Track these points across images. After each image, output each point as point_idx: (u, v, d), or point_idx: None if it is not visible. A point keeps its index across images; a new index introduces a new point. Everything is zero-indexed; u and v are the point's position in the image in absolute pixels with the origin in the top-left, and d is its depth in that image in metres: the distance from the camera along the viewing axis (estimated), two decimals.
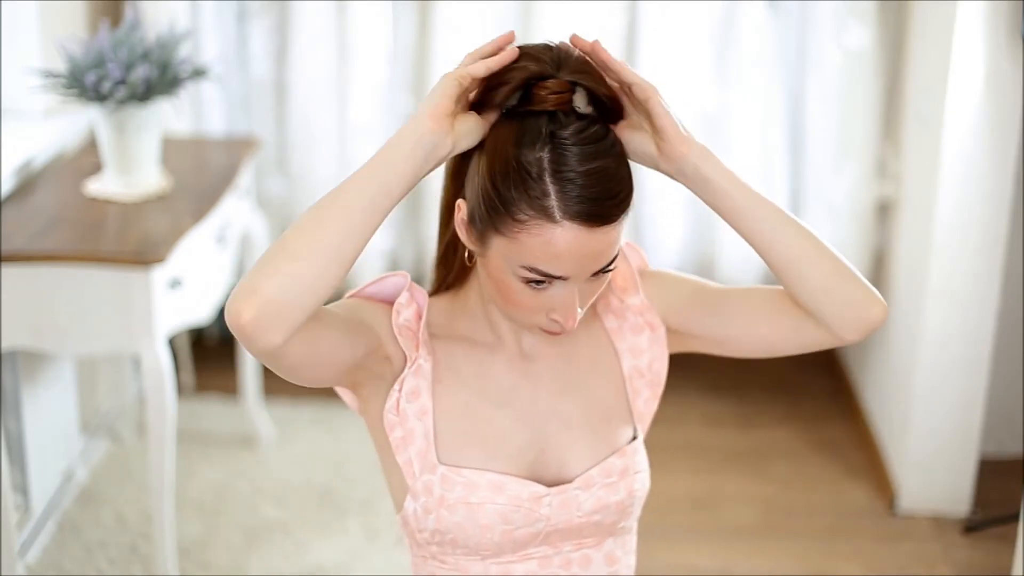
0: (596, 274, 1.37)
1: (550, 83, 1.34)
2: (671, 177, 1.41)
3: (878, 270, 3.50)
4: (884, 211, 3.46)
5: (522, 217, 1.32)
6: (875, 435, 3.43)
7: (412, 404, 1.48)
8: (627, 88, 1.37)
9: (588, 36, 1.38)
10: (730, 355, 1.56)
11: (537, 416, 1.51)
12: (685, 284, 1.57)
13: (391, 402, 1.47)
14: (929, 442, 3.12)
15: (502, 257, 1.36)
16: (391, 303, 1.48)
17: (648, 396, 1.58)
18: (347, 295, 1.50)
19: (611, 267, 1.37)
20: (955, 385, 3.08)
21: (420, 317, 1.48)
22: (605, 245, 1.34)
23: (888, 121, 3.42)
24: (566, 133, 1.32)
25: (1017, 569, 2.52)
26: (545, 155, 1.31)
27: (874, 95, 3.35)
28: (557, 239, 1.32)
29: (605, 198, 1.31)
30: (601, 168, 1.31)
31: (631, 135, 1.39)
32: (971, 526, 3.10)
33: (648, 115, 1.37)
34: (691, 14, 3.31)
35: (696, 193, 1.41)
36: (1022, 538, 2.51)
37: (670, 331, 1.57)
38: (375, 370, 1.47)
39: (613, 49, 3.34)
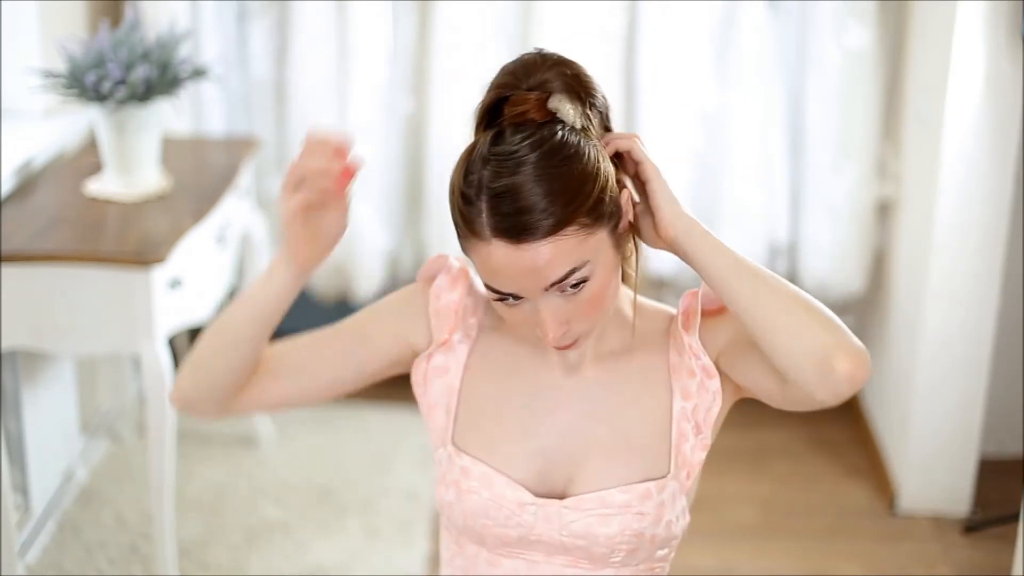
0: (558, 289, 1.34)
1: (512, 98, 1.34)
2: (667, 250, 1.43)
3: (878, 270, 3.50)
4: (884, 211, 3.46)
5: (465, 235, 1.34)
6: (875, 435, 3.43)
7: (439, 379, 1.53)
8: (633, 165, 1.40)
9: (587, 38, 1.39)
10: (770, 404, 1.45)
11: (555, 428, 1.50)
12: (736, 327, 1.46)
13: (418, 373, 1.54)
14: (929, 442, 3.12)
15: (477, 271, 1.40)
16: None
17: (694, 443, 1.49)
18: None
19: (571, 282, 1.33)
20: (955, 385, 3.08)
21: (468, 295, 1.53)
22: (542, 262, 1.30)
23: (888, 121, 3.42)
24: (500, 147, 1.31)
25: (1017, 569, 2.52)
26: (485, 172, 1.31)
27: (874, 95, 3.35)
28: (490, 257, 1.32)
29: (522, 212, 1.28)
30: (525, 181, 1.29)
31: (640, 218, 1.42)
32: (971, 526, 3.10)
33: (648, 194, 1.39)
34: (691, 14, 3.31)
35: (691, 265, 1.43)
36: (1022, 538, 2.51)
37: (723, 375, 1.48)
38: (403, 362, 1.55)
39: (613, 49, 3.34)
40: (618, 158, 1.41)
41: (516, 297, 1.35)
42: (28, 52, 2.98)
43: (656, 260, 3.46)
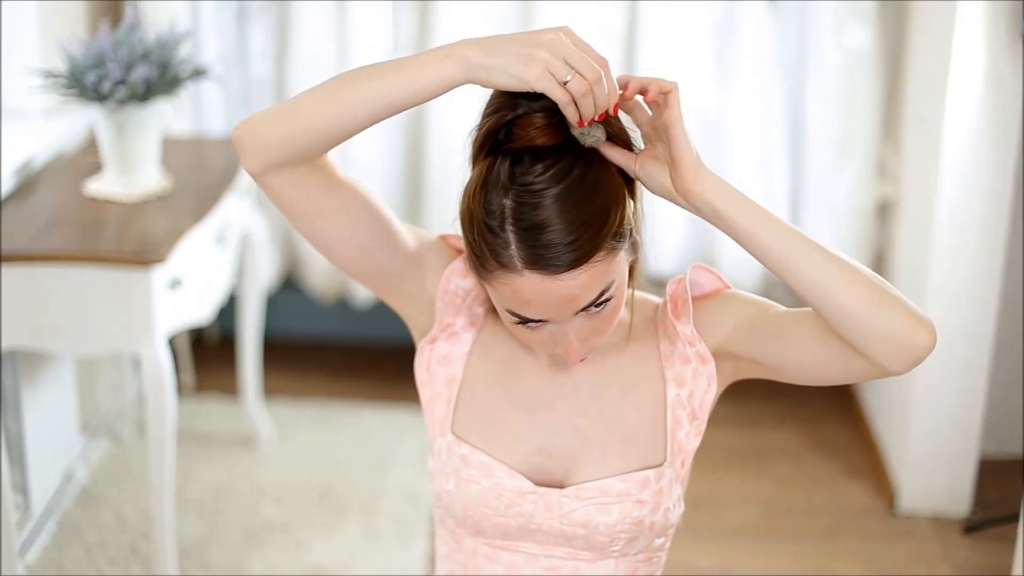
0: (587, 311, 1.35)
1: (522, 120, 1.32)
2: (688, 210, 1.35)
3: (878, 270, 3.50)
4: (884, 211, 3.46)
5: (490, 267, 1.32)
6: (875, 435, 3.43)
7: (442, 368, 1.54)
8: (655, 110, 1.32)
9: (587, 38, 1.35)
10: (790, 381, 1.46)
11: (551, 424, 1.51)
12: (746, 307, 1.47)
13: (422, 359, 1.55)
14: (929, 442, 3.12)
15: (491, 297, 1.38)
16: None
17: (689, 430, 1.50)
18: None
19: (601, 304, 1.35)
20: (955, 385, 3.08)
21: (480, 285, 1.50)
22: (578, 289, 1.31)
23: (888, 121, 3.42)
24: (524, 179, 1.29)
25: (1017, 569, 2.52)
26: (507, 203, 1.30)
27: (874, 95, 3.35)
28: (522, 288, 1.31)
29: (555, 245, 1.28)
30: (555, 214, 1.28)
31: (650, 165, 1.35)
32: (971, 526, 3.10)
33: (668, 143, 1.32)
34: (691, 14, 3.31)
35: (716, 226, 1.35)
36: (1022, 538, 2.51)
37: (726, 357, 1.48)
38: (393, 283, 1.51)
39: (613, 49, 3.35)
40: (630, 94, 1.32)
41: (539, 321, 1.36)
42: (28, 52, 2.98)
43: (656, 260, 3.46)
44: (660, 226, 3.73)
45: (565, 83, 1.25)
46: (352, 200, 1.42)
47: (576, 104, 1.26)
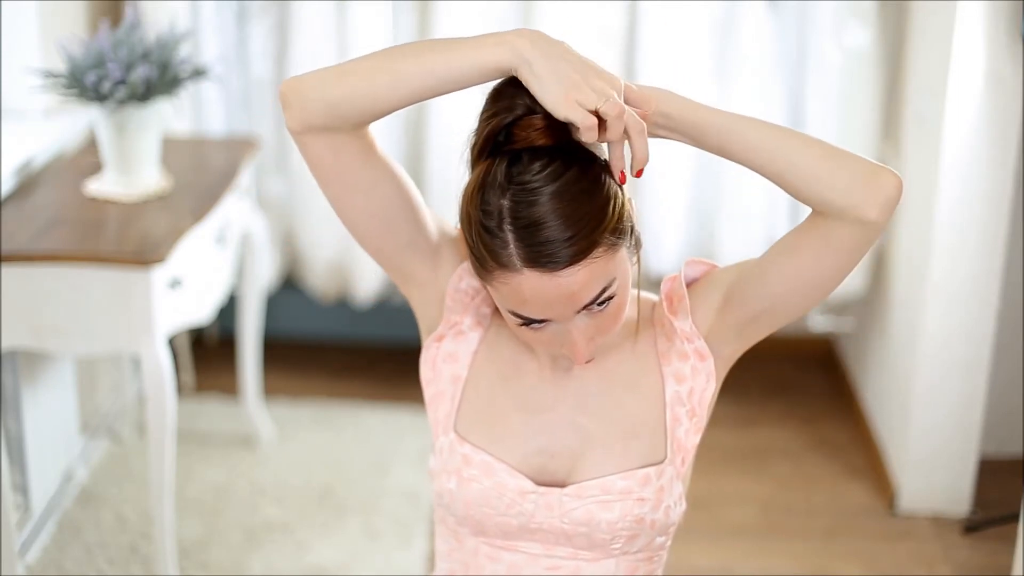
0: (587, 309, 1.35)
1: (522, 122, 1.32)
2: (661, 136, 1.38)
3: (878, 270, 3.50)
4: None
5: (490, 267, 1.33)
6: (875, 435, 3.43)
7: (448, 365, 1.54)
8: None
9: (587, 38, 1.35)
10: (788, 319, 1.46)
11: (553, 425, 1.51)
12: (730, 270, 1.50)
13: (428, 356, 1.55)
14: (929, 442, 3.12)
15: (494, 299, 1.39)
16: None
17: (688, 427, 1.51)
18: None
19: (604, 302, 1.35)
20: (955, 385, 3.08)
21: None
22: (578, 286, 1.32)
23: (888, 121, 3.42)
24: (521, 178, 1.30)
25: (1017, 569, 2.52)
26: (505, 203, 1.31)
27: (874, 95, 3.35)
28: (521, 286, 1.32)
29: (552, 241, 1.29)
30: (551, 210, 1.29)
31: None
32: (971, 526, 3.10)
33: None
34: (691, 14, 3.31)
35: (681, 139, 1.38)
36: (1022, 538, 2.51)
37: (725, 328, 1.49)
38: (410, 263, 1.50)
39: (613, 49, 3.34)
40: None
41: (541, 321, 1.36)
42: (28, 52, 2.98)
43: (656, 260, 3.46)
44: (660, 225, 3.76)
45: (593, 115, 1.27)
46: (387, 176, 1.43)
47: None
